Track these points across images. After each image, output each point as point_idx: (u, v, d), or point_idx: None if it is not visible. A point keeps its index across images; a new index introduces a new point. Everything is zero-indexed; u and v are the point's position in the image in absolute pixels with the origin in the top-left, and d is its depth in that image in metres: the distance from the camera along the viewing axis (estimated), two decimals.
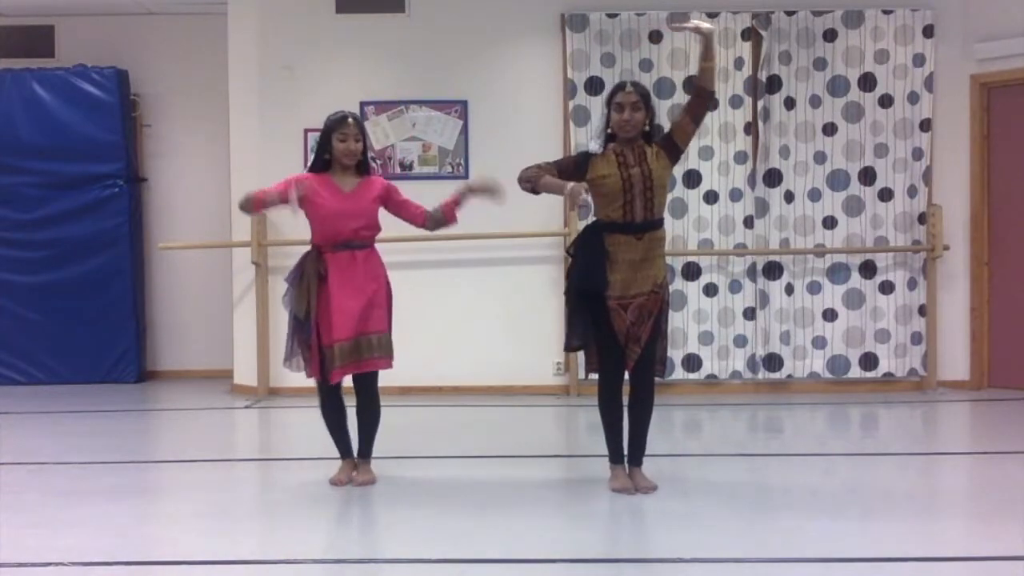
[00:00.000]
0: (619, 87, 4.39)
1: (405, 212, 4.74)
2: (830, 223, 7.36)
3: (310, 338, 4.50)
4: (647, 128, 4.39)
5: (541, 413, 6.81)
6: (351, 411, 4.67)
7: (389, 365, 4.61)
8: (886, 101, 7.33)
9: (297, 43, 7.50)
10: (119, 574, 3.44)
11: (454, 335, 7.46)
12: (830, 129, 7.34)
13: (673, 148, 4.40)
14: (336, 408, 4.67)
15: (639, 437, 4.50)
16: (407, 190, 4.88)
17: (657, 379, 4.51)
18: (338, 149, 4.56)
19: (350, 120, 4.57)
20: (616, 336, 4.32)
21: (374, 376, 4.62)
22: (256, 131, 7.55)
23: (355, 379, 4.59)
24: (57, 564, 3.46)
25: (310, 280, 4.49)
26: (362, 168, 4.66)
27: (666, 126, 5.94)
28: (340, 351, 4.45)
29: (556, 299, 7.42)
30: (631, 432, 4.50)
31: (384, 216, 4.73)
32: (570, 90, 7.35)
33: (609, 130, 4.41)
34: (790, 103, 7.35)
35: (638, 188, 4.28)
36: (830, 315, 7.38)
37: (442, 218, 4.75)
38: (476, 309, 7.47)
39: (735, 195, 7.34)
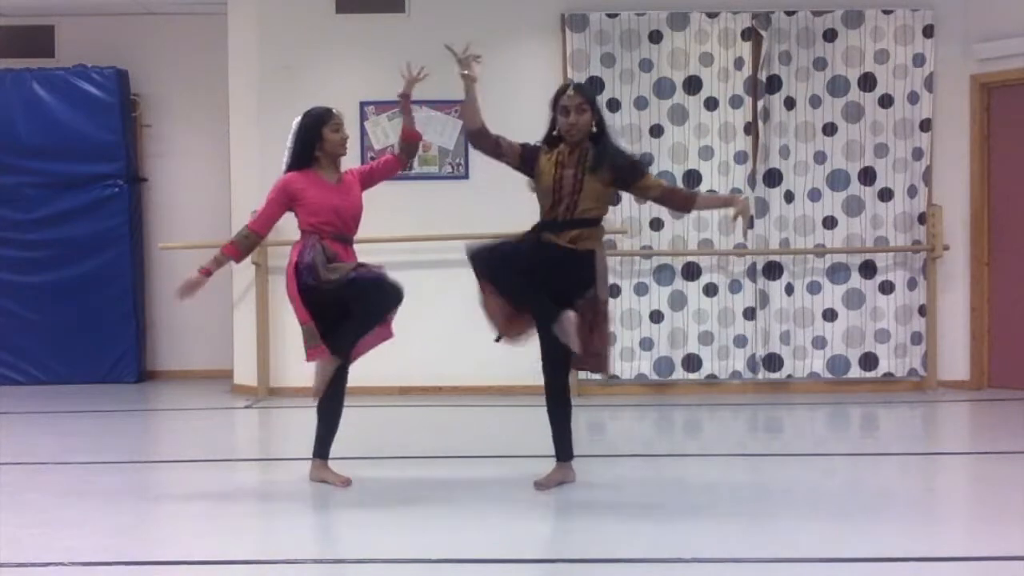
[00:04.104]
0: (562, 90, 4.38)
1: (381, 173, 4.78)
2: (830, 223, 7.36)
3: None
4: (595, 130, 4.37)
5: (541, 413, 6.79)
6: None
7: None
8: (886, 101, 7.33)
9: (297, 43, 7.50)
10: (119, 574, 3.43)
11: (454, 335, 7.45)
12: (830, 129, 7.34)
13: (623, 184, 4.42)
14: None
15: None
16: (407, 190, 4.89)
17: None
18: (333, 140, 4.57)
19: (335, 111, 4.63)
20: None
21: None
22: (256, 131, 7.54)
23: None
24: (57, 564, 3.46)
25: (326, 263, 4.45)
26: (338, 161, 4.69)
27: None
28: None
29: None
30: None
31: (383, 215, 4.74)
32: None
33: (555, 132, 4.41)
34: (790, 103, 7.35)
35: (566, 190, 4.30)
36: (830, 315, 7.38)
37: (408, 145, 4.79)
38: (476, 309, 7.43)
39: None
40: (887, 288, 7.38)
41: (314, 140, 4.57)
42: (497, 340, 4.59)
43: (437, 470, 5.00)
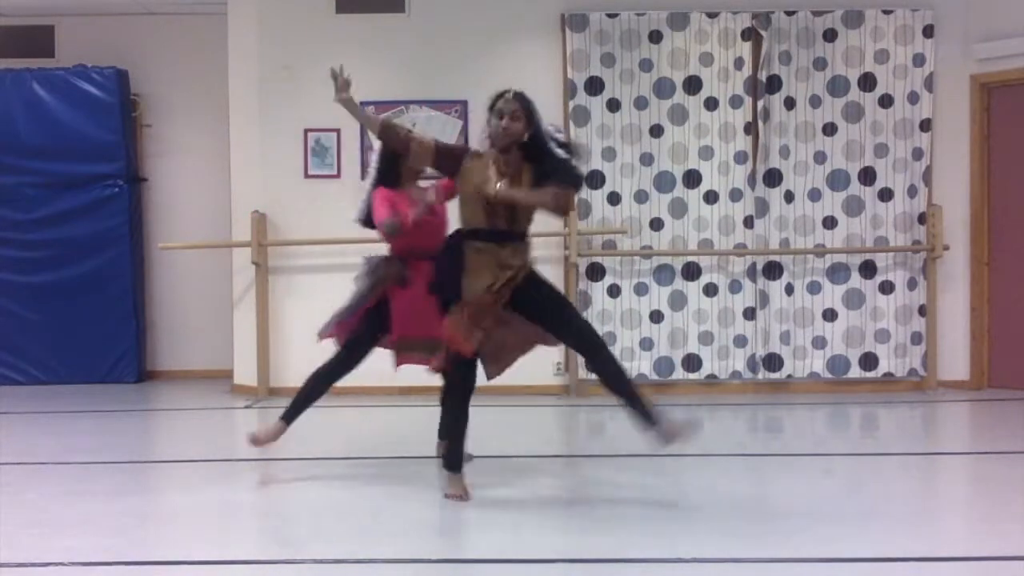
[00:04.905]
0: (501, 94, 4.25)
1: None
2: (830, 223, 7.36)
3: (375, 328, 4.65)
4: (526, 139, 4.24)
5: (541, 413, 6.80)
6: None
7: None
8: (886, 101, 7.33)
9: (297, 43, 7.50)
10: (119, 574, 3.43)
11: None
12: (830, 129, 7.34)
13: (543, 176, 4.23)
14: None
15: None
16: None
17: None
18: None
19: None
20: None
21: None
22: (256, 131, 7.55)
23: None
24: (57, 564, 3.46)
25: (388, 281, 4.62)
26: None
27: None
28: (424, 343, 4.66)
29: None
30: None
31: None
32: (570, 90, 7.35)
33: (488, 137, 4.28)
34: (790, 103, 7.35)
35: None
36: (830, 315, 7.38)
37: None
38: None
39: (735, 195, 7.34)
40: (887, 288, 7.38)
41: (397, 160, 4.63)
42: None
43: (436, 470, 5.00)
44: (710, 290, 7.38)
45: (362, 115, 4.51)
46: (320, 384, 4.80)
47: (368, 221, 4.71)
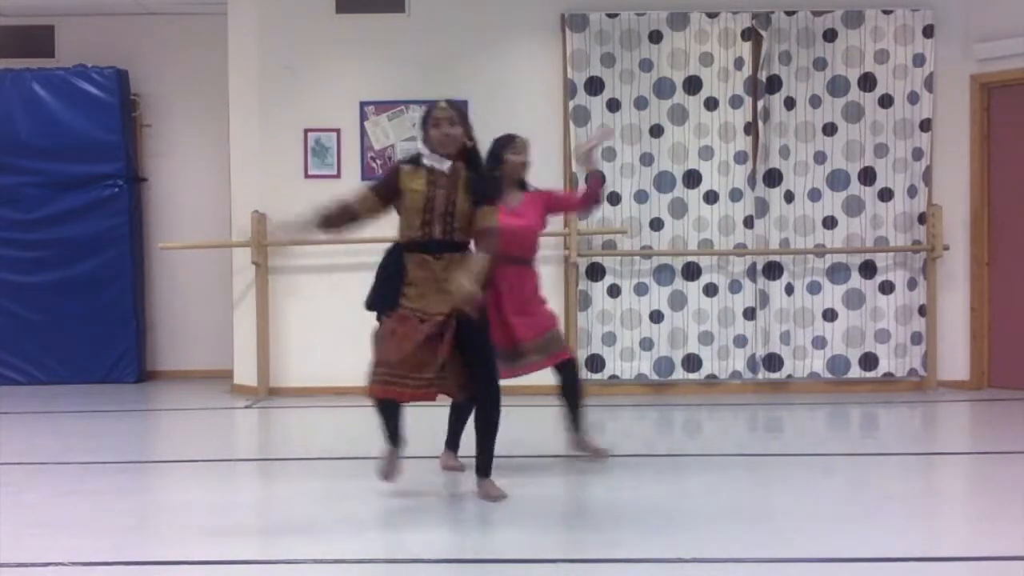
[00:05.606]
0: (433, 104, 4.28)
1: (568, 205, 5.51)
2: (830, 223, 7.36)
3: None
4: (468, 144, 4.27)
5: (541, 413, 6.80)
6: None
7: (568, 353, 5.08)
8: (886, 101, 7.33)
9: (297, 43, 7.50)
10: (119, 574, 3.44)
11: None
12: (830, 129, 7.34)
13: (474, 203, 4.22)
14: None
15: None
16: None
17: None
18: (512, 162, 4.90)
19: (518, 137, 4.98)
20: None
21: (572, 363, 5.10)
22: (256, 131, 7.55)
23: (560, 368, 5.06)
24: (57, 564, 3.46)
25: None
26: (522, 184, 4.98)
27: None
28: (531, 347, 4.88)
29: (556, 300, 7.41)
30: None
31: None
32: (570, 90, 7.35)
33: (428, 148, 4.24)
34: (790, 103, 7.35)
35: (439, 210, 4.16)
36: (830, 315, 7.38)
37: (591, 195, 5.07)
38: None
39: (735, 195, 7.34)
40: (887, 288, 7.38)
41: (495, 163, 4.85)
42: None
43: (436, 470, 5.01)
44: (710, 290, 7.38)
45: (302, 229, 4.31)
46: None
47: None
